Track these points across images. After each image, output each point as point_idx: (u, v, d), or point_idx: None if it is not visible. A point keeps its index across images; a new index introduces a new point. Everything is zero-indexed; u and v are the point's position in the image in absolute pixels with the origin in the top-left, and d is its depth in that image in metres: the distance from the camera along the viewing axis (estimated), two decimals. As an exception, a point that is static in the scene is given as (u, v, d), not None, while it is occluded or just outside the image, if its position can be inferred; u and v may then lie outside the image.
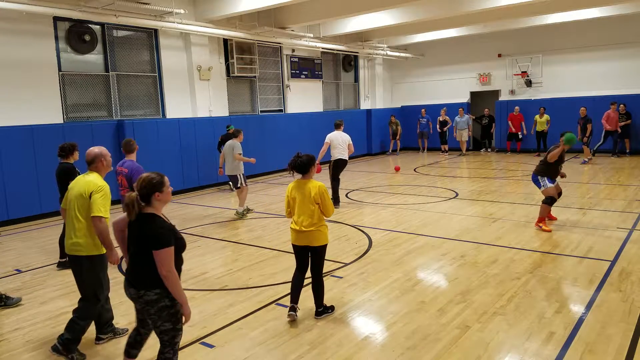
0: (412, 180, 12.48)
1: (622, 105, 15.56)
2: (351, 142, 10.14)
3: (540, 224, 7.52)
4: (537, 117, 16.89)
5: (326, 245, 4.62)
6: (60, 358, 4.06)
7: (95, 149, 4.22)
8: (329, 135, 10.12)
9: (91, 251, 4.01)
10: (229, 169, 9.47)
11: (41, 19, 9.93)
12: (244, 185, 9.45)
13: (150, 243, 3.03)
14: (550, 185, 7.50)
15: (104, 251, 4.08)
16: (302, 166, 4.57)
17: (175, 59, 12.69)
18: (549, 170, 7.49)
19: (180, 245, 3.18)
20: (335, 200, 9.76)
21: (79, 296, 4.18)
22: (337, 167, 10.03)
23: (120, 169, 6.03)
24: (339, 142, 10.00)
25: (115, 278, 6.21)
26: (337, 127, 10.31)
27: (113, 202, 6.81)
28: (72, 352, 4.05)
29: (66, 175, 6.39)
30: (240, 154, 9.34)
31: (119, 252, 3.92)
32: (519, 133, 17.76)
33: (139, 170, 5.87)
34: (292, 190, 4.61)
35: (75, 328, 4.06)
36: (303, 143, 16.13)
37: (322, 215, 4.54)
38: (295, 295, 4.65)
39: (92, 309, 4.13)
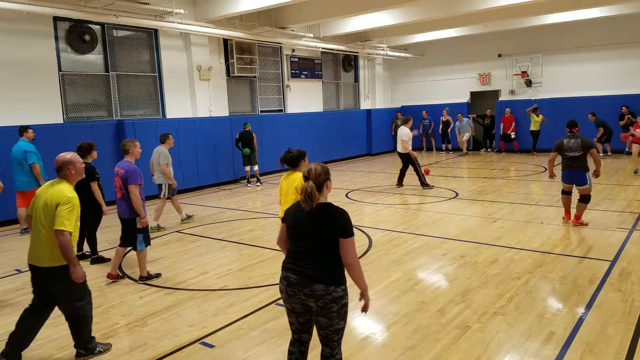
0: (412, 180, 12.47)
1: (624, 108, 15.51)
2: (404, 138, 11.42)
3: (580, 221, 7.63)
4: (533, 115, 16.79)
5: None
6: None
7: (67, 155, 3.93)
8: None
9: (56, 262, 3.77)
10: (157, 177, 8.52)
11: (41, 19, 9.93)
12: (164, 197, 8.51)
13: (340, 231, 2.97)
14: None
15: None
16: (292, 160, 4.79)
17: (175, 59, 12.69)
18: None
19: None
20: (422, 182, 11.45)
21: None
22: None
23: (117, 169, 5.86)
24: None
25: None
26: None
27: (108, 203, 6.81)
28: (95, 348, 4.10)
29: (85, 174, 6.47)
30: (166, 165, 8.31)
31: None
32: (511, 133, 17.82)
33: (135, 172, 5.69)
34: (282, 180, 4.88)
35: (82, 335, 4.02)
36: (303, 143, 16.14)
37: None
38: None
39: (86, 306, 3.99)
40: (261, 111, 15.57)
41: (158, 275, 6.07)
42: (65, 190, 3.79)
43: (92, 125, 10.87)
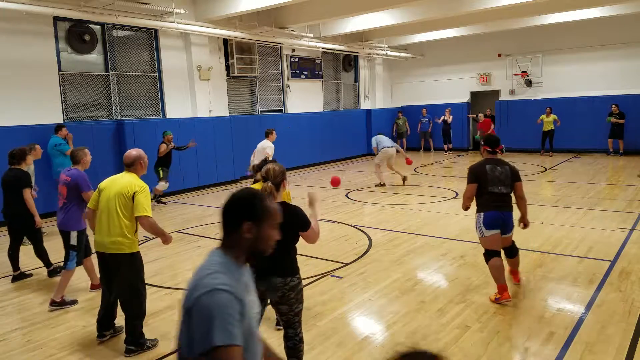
0: (412, 180, 12.47)
1: (614, 106, 15.40)
2: (268, 152, 9.55)
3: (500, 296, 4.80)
4: (543, 116, 16.64)
5: None
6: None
7: (134, 152, 4.28)
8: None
9: (131, 249, 4.14)
10: None
11: (41, 19, 9.92)
12: None
13: (300, 226, 3.28)
14: None
15: (138, 249, 4.25)
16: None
17: (175, 59, 12.69)
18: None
19: None
20: None
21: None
22: None
23: (63, 177, 5.24)
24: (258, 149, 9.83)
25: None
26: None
27: (48, 215, 6.45)
28: (145, 343, 4.21)
29: (19, 182, 5.91)
30: None
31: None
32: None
33: (84, 179, 5.15)
34: None
35: (135, 328, 4.18)
36: (303, 143, 16.17)
37: None
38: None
39: (142, 303, 4.25)
40: (261, 111, 15.56)
41: (74, 302, 5.30)
42: (137, 180, 4.14)
43: (92, 125, 10.87)
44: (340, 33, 15.66)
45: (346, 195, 11.16)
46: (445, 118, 18.81)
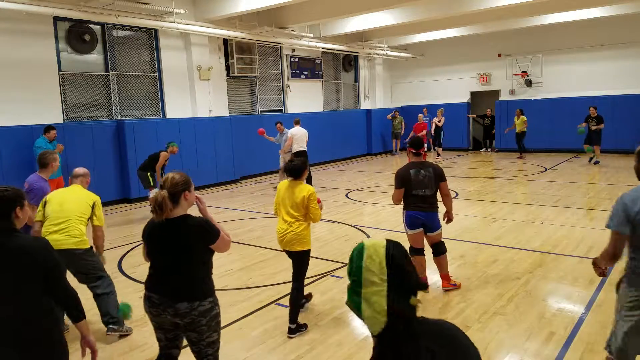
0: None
1: (592, 108, 14.38)
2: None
3: (453, 282, 5.34)
4: (514, 118, 16.32)
5: (308, 251, 4.44)
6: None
7: (83, 169, 4.65)
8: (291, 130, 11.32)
9: (87, 244, 4.44)
10: None
11: (41, 19, 9.93)
12: None
13: (207, 239, 2.91)
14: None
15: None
16: (295, 170, 4.44)
17: (175, 59, 12.69)
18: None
19: None
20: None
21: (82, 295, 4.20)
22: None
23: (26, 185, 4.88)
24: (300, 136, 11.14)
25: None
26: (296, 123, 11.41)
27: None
28: (122, 322, 4.52)
29: None
30: None
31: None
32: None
33: (41, 188, 4.80)
34: (282, 189, 4.50)
35: (111, 303, 4.46)
36: (303, 143, 16.15)
37: (304, 220, 4.37)
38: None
39: (109, 279, 4.55)
40: (261, 111, 15.57)
41: None
42: (92, 193, 4.54)
43: (92, 125, 10.88)
44: (340, 33, 15.68)
45: (346, 195, 11.17)
46: (436, 121, 17.94)
